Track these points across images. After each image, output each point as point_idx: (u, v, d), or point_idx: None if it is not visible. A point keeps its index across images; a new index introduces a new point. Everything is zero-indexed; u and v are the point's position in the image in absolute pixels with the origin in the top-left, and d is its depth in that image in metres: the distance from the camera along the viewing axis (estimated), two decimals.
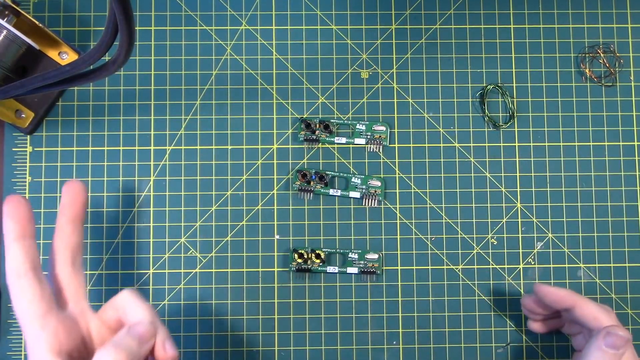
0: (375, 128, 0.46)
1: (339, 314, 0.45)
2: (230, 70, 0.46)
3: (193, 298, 0.45)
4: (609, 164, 0.46)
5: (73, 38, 0.46)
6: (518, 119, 0.47)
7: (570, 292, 0.40)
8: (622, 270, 0.45)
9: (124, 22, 0.28)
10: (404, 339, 0.45)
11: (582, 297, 0.40)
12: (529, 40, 0.47)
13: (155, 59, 0.46)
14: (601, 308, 0.39)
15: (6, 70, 0.42)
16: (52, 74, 0.33)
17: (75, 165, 0.46)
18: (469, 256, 0.45)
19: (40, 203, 0.45)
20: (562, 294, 0.40)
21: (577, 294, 0.40)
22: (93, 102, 0.46)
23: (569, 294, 0.40)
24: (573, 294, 0.40)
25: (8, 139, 0.46)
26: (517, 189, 0.46)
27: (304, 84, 0.47)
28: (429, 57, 0.47)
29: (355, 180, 0.46)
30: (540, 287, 0.40)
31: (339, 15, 0.47)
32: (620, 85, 0.47)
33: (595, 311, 0.39)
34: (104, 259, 0.45)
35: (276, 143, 0.46)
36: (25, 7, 0.46)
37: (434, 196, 0.46)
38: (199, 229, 0.45)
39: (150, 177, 0.46)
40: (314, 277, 0.45)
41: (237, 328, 0.45)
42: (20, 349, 0.44)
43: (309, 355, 0.44)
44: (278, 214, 0.45)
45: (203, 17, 0.47)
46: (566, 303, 0.40)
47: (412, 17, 0.47)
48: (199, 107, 0.46)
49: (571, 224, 0.46)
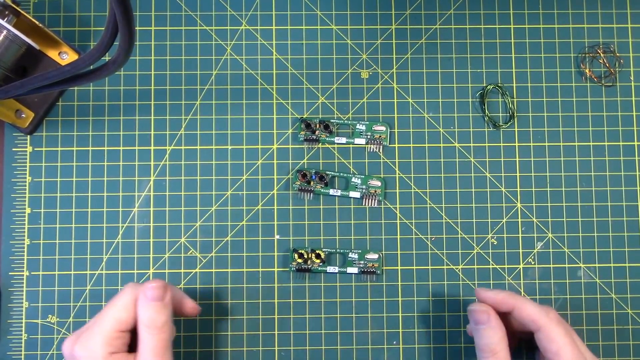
0: (375, 128, 0.46)
1: (339, 314, 0.45)
2: (230, 70, 0.46)
3: (193, 298, 0.44)
4: (609, 164, 0.46)
5: (73, 38, 0.46)
6: (518, 119, 0.47)
7: (509, 294, 0.39)
8: (622, 270, 0.45)
9: (124, 22, 0.28)
10: (404, 339, 0.45)
11: (522, 298, 0.39)
12: (529, 40, 0.47)
13: (155, 59, 0.46)
14: (540, 309, 0.38)
15: (6, 70, 0.42)
16: (52, 74, 0.34)
17: (75, 165, 0.46)
18: (469, 256, 0.45)
19: (40, 203, 0.45)
20: (501, 296, 0.39)
21: (516, 296, 0.39)
22: (93, 102, 0.46)
23: (508, 295, 0.39)
24: (512, 296, 0.39)
25: (8, 139, 0.46)
26: (517, 189, 0.46)
27: (304, 84, 0.47)
28: (429, 57, 0.47)
29: (355, 180, 0.46)
30: (479, 291, 0.40)
31: (339, 15, 0.47)
32: (620, 85, 0.47)
33: (533, 312, 0.38)
34: (104, 259, 0.45)
35: (276, 143, 0.46)
36: (25, 7, 0.46)
37: (434, 196, 0.46)
38: (199, 229, 0.45)
39: (150, 177, 0.46)
40: (314, 277, 0.45)
41: (237, 328, 0.45)
42: (20, 349, 0.44)
43: (309, 355, 0.44)
44: (278, 214, 0.45)
45: (203, 17, 0.47)
46: (506, 305, 0.39)
47: (412, 17, 0.47)
48: (199, 107, 0.46)
49: (571, 224, 0.46)
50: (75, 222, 0.45)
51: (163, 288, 0.37)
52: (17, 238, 0.45)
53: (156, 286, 0.37)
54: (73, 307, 0.44)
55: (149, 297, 0.37)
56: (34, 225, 0.45)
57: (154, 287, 0.37)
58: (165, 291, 0.37)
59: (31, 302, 0.44)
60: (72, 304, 0.44)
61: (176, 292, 0.41)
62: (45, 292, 0.44)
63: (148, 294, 0.37)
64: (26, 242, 0.45)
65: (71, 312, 0.44)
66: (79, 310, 0.44)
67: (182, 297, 0.41)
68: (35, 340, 0.44)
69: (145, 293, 0.37)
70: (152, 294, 0.37)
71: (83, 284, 0.45)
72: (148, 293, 0.37)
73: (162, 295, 0.37)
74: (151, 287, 0.37)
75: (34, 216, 0.45)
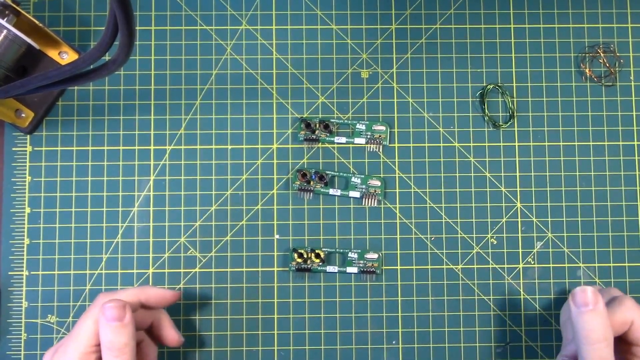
0: (375, 128, 0.46)
1: (339, 314, 0.45)
2: (230, 70, 0.46)
3: (193, 298, 0.45)
4: (609, 163, 0.46)
5: (73, 38, 0.46)
6: (518, 119, 0.47)
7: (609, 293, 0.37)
8: (622, 270, 0.45)
9: (124, 22, 0.28)
10: (404, 339, 0.45)
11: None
12: (529, 40, 0.47)
13: (155, 58, 0.46)
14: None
15: (6, 70, 0.42)
16: (52, 73, 0.33)
17: (75, 165, 0.46)
18: (469, 256, 0.45)
19: (40, 203, 0.45)
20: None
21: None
22: (93, 102, 0.46)
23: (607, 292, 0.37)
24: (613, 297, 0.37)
25: (8, 138, 0.46)
26: (517, 189, 0.46)
27: (304, 83, 0.47)
28: (429, 57, 0.47)
29: (355, 180, 0.46)
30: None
31: (339, 15, 0.47)
32: (620, 85, 0.47)
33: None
34: (104, 259, 0.45)
35: (276, 143, 0.46)
36: (25, 6, 0.46)
37: (433, 196, 0.46)
38: (199, 228, 0.45)
39: (150, 176, 0.46)
40: (313, 276, 0.45)
41: (237, 328, 0.45)
42: (19, 349, 0.44)
43: (308, 355, 0.44)
44: (278, 213, 0.45)
45: (203, 16, 0.47)
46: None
47: (412, 17, 0.47)
48: (199, 107, 0.46)
49: (571, 224, 0.46)
50: (75, 222, 0.45)
51: (122, 308, 0.35)
52: (16, 238, 0.45)
53: (114, 306, 0.35)
54: (72, 307, 0.44)
55: (107, 317, 0.35)
56: (33, 224, 0.45)
57: (112, 307, 0.35)
58: (124, 311, 0.35)
59: (31, 302, 0.44)
60: (71, 304, 0.44)
61: (159, 316, 0.40)
62: (45, 292, 0.44)
63: (107, 314, 0.35)
64: (26, 242, 0.45)
65: (71, 311, 0.44)
66: (79, 310, 0.44)
67: (164, 322, 0.40)
68: (34, 340, 0.44)
69: (104, 313, 0.35)
70: (110, 314, 0.35)
71: (83, 284, 0.45)
72: (107, 313, 0.35)
73: (121, 316, 0.35)
74: (109, 306, 0.35)
75: (34, 216, 0.45)
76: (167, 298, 0.40)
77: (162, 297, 0.40)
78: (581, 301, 0.35)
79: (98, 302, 0.37)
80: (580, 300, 0.35)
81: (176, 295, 0.41)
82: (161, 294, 0.40)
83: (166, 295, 0.40)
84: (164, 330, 0.40)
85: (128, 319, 0.35)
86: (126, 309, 0.35)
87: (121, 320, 0.35)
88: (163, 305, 0.40)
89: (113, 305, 0.35)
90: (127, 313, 0.35)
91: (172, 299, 0.40)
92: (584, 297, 0.35)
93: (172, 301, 0.41)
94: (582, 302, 0.35)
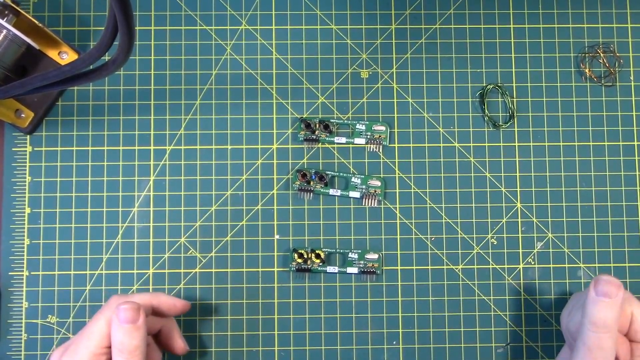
0: (375, 128, 0.46)
1: (339, 314, 0.45)
2: (230, 70, 0.46)
3: (193, 298, 0.45)
4: (609, 164, 0.46)
5: (73, 38, 0.46)
6: (518, 119, 0.47)
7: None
8: (622, 270, 0.45)
9: (123, 22, 0.28)
10: (404, 339, 0.45)
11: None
12: (529, 40, 0.47)
13: (155, 58, 0.46)
14: None
15: (6, 70, 0.42)
16: (52, 73, 0.33)
17: (75, 165, 0.46)
18: (469, 256, 0.45)
19: (40, 203, 0.45)
20: None
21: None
22: (93, 102, 0.46)
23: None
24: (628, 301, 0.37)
25: (8, 139, 0.46)
26: (517, 189, 0.46)
27: (304, 84, 0.47)
28: (429, 57, 0.47)
29: (355, 180, 0.46)
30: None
31: (339, 15, 0.47)
32: (620, 85, 0.47)
33: None
34: (104, 259, 0.45)
35: (276, 143, 0.46)
36: (25, 7, 0.46)
37: (434, 196, 0.46)
38: (199, 228, 0.45)
39: (150, 177, 0.46)
40: (313, 277, 0.45)
41: (237, 328, 0.45)
42: (20, 349, 0.44)
43: (308, 355, 0.44)
44: (278, 213, 0.45)
45: (203, 17, 0.47)
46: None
47: (412, 17, 0.47)
48: (199, 107, 0.46)
49: (571, 224, 0.46)
50: (75, 222, 0.45)
51: (136, 310, 0.35)
52: (16, 238, 0.45)
53: (128, 308, 0.35)
54: (73, 307, 0.44)
55: (121, 319, 0.35)
56: (33, 225, 0.45)
57: (126, 309, 0.35)
58: (138, 314, 0.35)
59: (31, 302, 0.44)
60: (71, 304, 0.44)
61: (168, 324, 0.41)
62: (45, 292, 0.44)
63: (120, 316, 0.35)
64: (26, 242, 0.45)
65: (71, 312, 0.44)
66: (79, 310, 0.44)
67: (173, 330, 0.41)
68: (35, 340, 0.44)
69: (118, 315, 0.35)
70: (124, 316, 0.35)
71: (83, 284, 0.45)
72: (120, 315, 0.35)
73: (135, 318, 0.35)
74: (123, 308, 0.35)
75: (34, 216, 0.45)
76: (178, 307, 0.40)
77: (173, 305, 0.40)
78: (603, 291, 0.35)
79: (111, 304, 0.37)
80: (603, 290, 0.35)
81: (187, 306, 0.41)
82: (172, 302, 0.40)
83: (177, 304, 0.40)
84: (173, 339, 0.41)
85: (141, 322, 0.35)
86: (140, 312, 0.36)
87: (135, 322, 0.35)
88: (173, 314, 0.41)
89: (128, 307, 0.35)
90: (140, 316, 0.36)
91: (183, 308, 0.41)
92: (609, 289, 0.35)
93: (182, 311, 0.41)
94: (603, 292, 0.35)
